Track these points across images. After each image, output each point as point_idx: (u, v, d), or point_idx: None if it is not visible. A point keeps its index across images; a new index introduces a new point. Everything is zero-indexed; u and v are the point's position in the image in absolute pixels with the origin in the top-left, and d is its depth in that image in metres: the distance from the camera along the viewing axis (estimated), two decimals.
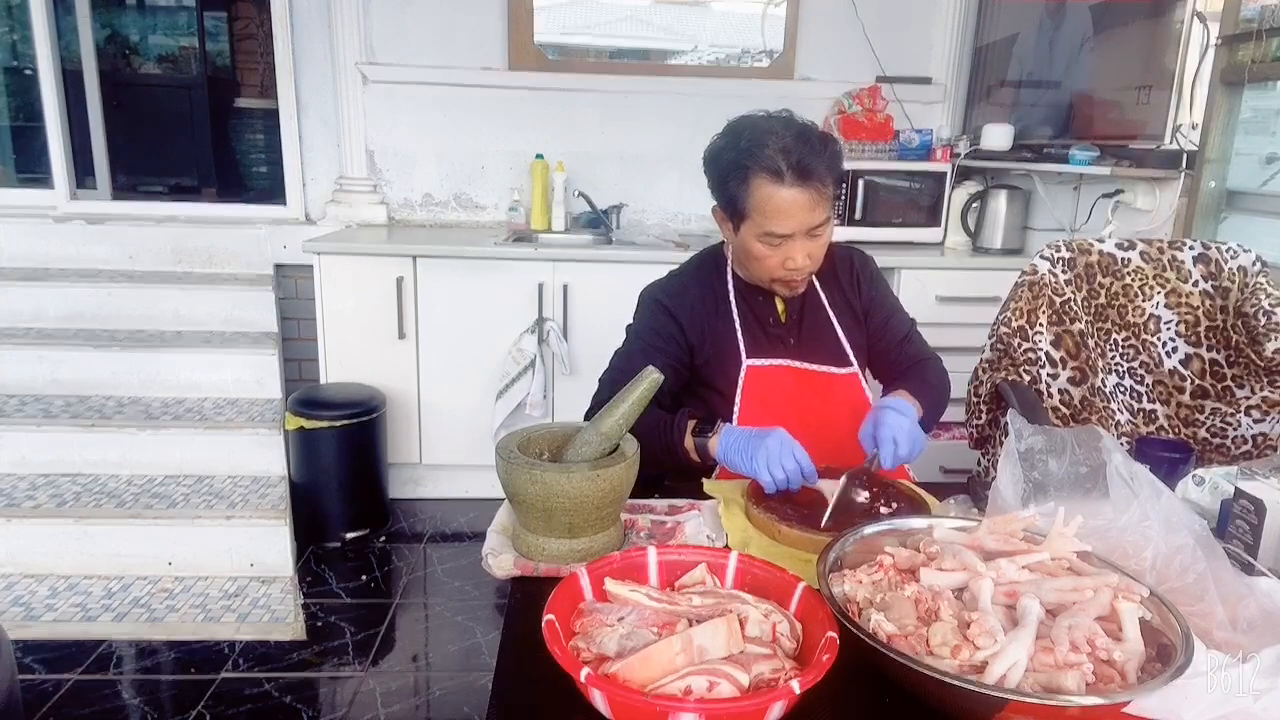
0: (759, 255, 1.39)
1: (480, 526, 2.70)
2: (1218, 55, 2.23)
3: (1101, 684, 0.74)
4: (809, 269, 1.40)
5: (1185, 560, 0.89)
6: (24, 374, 2.90)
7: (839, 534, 0.98)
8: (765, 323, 1.50)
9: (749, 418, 1.46)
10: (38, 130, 3.44)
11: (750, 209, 1.36)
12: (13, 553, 2.50)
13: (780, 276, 1.41)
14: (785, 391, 1.47)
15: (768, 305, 1.51)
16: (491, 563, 1.06)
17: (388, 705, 2.04)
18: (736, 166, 1.35)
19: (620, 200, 3.44)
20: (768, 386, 1.47)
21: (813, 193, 1.33)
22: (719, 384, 1.49)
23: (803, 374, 1.49)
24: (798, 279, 1.41)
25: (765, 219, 1.34)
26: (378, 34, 3.30)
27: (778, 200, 1.33)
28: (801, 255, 1.37)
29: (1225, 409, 1.69)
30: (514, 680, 0.84)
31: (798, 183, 1.32)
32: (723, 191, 1.41)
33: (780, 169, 1.31)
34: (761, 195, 1.34)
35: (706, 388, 1.51)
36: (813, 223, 1.35)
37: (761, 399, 1.46)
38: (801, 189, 1.32)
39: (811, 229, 1.36)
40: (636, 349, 1.49)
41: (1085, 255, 1.75)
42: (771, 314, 1.51)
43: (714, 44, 3.87)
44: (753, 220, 1.37)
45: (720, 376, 1.49)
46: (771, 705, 0.71)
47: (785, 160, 1.31)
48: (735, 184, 1.36)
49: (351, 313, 2.92)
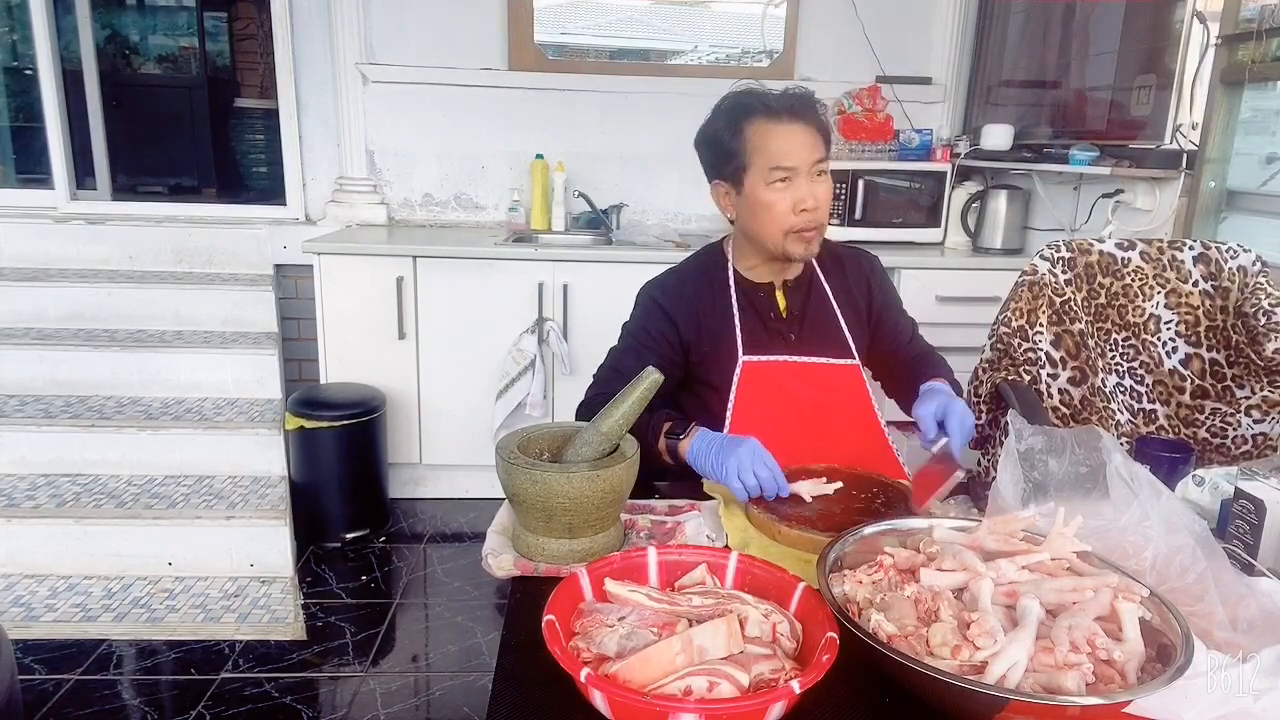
0: (769, 202, 1.38)
1: (480, 526, 2.70)
2: (1218, 55, 2.24)
3: (1101, 684, 0.74)
4: (819, 216, 1.39)
5: (1185, 560, 0.89)
6: (24, 374, 2.90)
7: (839, 534, 0.98)
8: (766, 318, 1.49)
9: (744, 414, 1.46)
10: (38, 130, 3.44)
11: (751, 153, 1.38)
12: (13, 553, 2.50)
13: (794, 226, 1.39)
14: (782, 388, 1.47)
15: (769, 300, 1.51)
16: (491, 563, 1.06)
17: (388, 705, 2.04)
18: (729, 125, 1.39)
19: (620, 200, 3.44)
20: (764, 383, 1.47)
21: (810, 128, 1.37)
22: (715, 380, 1.48)
23: (801, 368, 1.48)
24: (810, 226, 1.39)
25: (769, 156, 1.36)
26: (378, 34, 3.30)
27: (778, 133, 1.36)
28: (810, 196, 1.37)
29: (1225, 409, 1.69)
30: (514, 680, 0.84)
31: (793, 118, 1.36)
32: (718, 155, 1.42)
33: (773, 107, 1.37)
34: (760, 135, 1.37)
35: (702, 384, 1.51)
36: (815, 157, 1.37)
37: (757, 396, 1.46)
38: (798, 123, 1.36)
39: (814, 165, 1.37)
40: (629, 346, 1.51)
41: (1085, 255, 1.75)
42: (773, 309, 1.50)
43: (714, 44, 3.88)
44: (755, 165, 1.38)
45: (716, 373, 1.48)
46: (771, 705, 0.71)
47: (779, 101, 1.37)
48: (731, 139, 1.39)
49: (351, 313, 2.92)
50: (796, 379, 1.47)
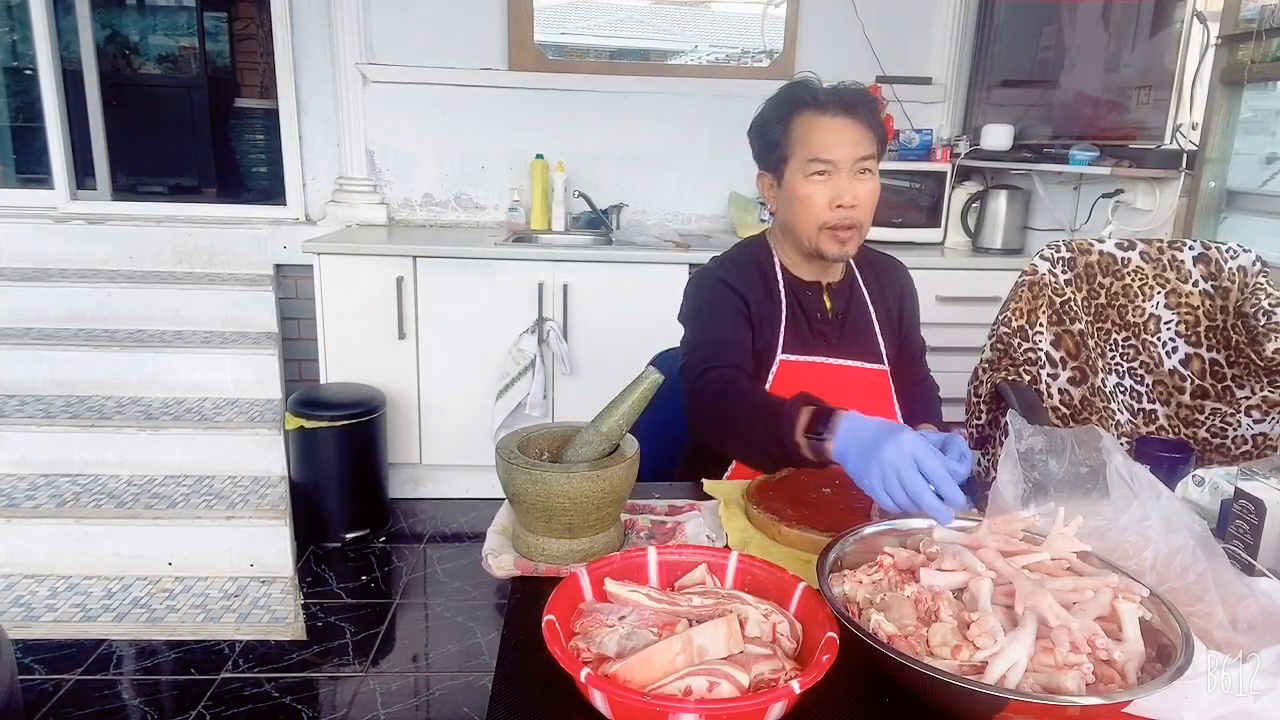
0: (805, 195, 1.36)
1: (480, 526, 2.70)
2: (1218, 55, 2.24)
3: (1101, 684, 0.74)
4: (858, 215, 1.36)
5: (1185, 560, 0.89)
6: (24, 374, 2.90)
7: (839, 534, 0.98)
8: (812, 318, 1.46)
9: None
10: (38, 130, 3.44)
11: (793, 143, 1.36)
12: (13, 553, 2.50)
13: (829, 221, 1.36)
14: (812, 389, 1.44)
15: (817, 300, 1.48)
16: (491, 563, 1.06)
17: (388, 705, 2.04)
18: (776, 115, 1.38)
19: (620, 200, 3.44)
20: (796, 383, 1.43)
21: (858, 123, 1.34)
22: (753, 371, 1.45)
23: (836, 371, 1.45)
24: (846, 224, 1.36)
25: (809, 147, 1.34)
26: (378, 34, 3.30)
27: (821, 125, 1.34)
28: (849, 193, 1.34)
29: (1225, 409, 1.69)
30: (514, 680, 0.84)
31: (841, 112, 1.34)
32: (764, 144, 1.40)
33: (821, 100, 1.34)
34: (804, 126, 1.35)
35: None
36: (859, 154, 1.34)
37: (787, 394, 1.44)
38: (845, 117, 1.34)
39: (858, 161, 1.34)
40: (713, 322, 1.39)
41: (1085, 255, 1.75)
42: (820, 308, 1.47)
43: (714, 44, 3.88)
44: (796, 155, 1.36)
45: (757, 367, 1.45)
46: (771, 705, 0.71)
47: (828, 95, 1.35)
48: (777, 129, 1.37)
49: (351, 313, 2.92)
50: (829, 382, 1.45)
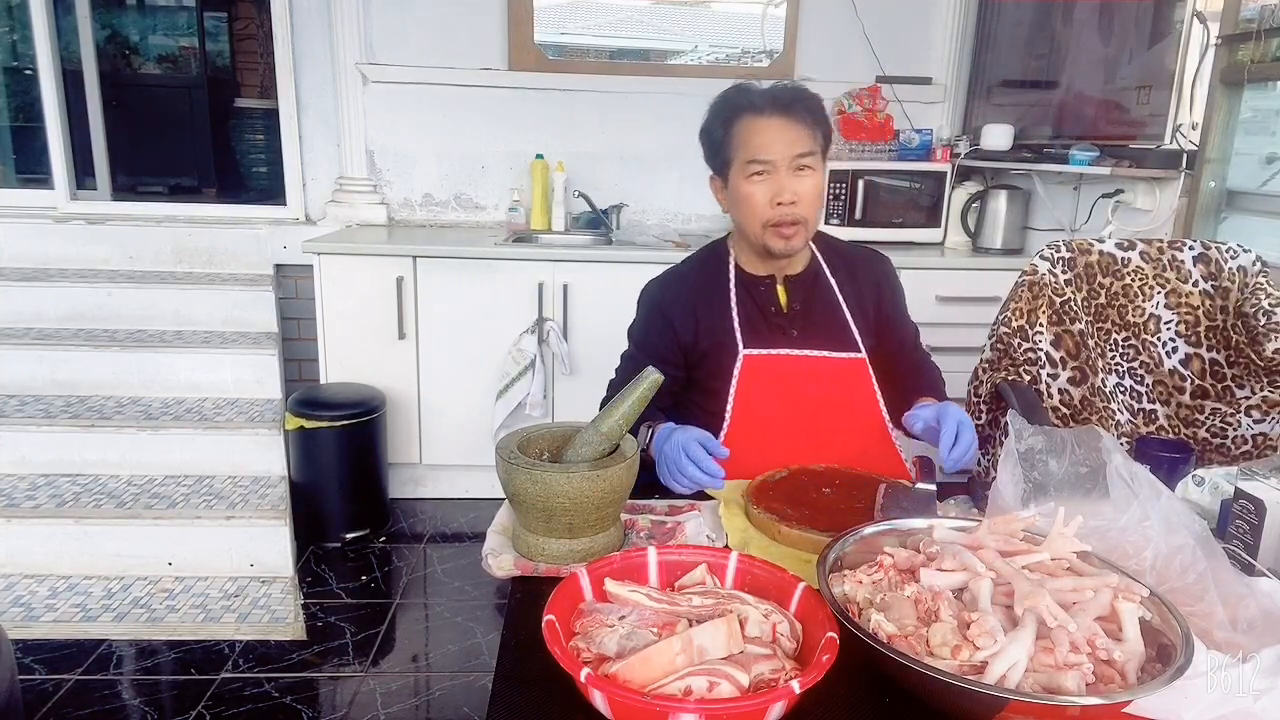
0: (746, 194, 1.40)
1: (480, 526, 2.70)
2: (1218, 55, 2.24)
3: (1101, 684, 0.74)
4: (799, 211, 1.39)
5: (1185, 560, 0.89)
6: (24, 374, 2.90)
7: (839, 534, 0.98)
8: (766, 312, 1.49)
9: (744, 408, 1.46)
10: (38, 130, 3.44)
11: (734, 147, 1.40)
12: (13, 553, 2.50)
13: (770, 219, 1.39)
14: (784, 382, 1.46)
15: (769, 294, 1.50)
16: (491, 563, 1.06)
17: (388, 705, 2.04)
18: (718, 116, 1.43)
19: (620, 200, 3.44)
20: (765, 378, 1.46)
21: (793, 122, 1.38)
22: (714, 381, 1.48)
23: (804, 362, 1.46)
24: (788, 220, 1.39)
25: (748, 150, 1.38)
26: (378, 34, 3.30)
27: (758, 127, 1.38)
28: (789, 190, 1.37)
29: (1225, 409, 1.69)
30: (514, 680, 0.84)
31: (776, 112, 1.38)
32: (710, 148, 1.46)
33: (759, 103, 1.39)
34: (744, 129, 1.40)
35: (703, 385, 1.50)
36: (796, 151, 1.37)
37: (758, 391, 1.45)
38: (780, 117, 1.38)
39: (796, 158, 1.37)
40: (630, 353, 1.54)
41: (1085, 255, 1.75)
42: (773, 303, 1.49)
43: (714, 44, 3.88)
44: (737, 159, 1.40)
45: (717, 368, 1.47)
46: (771, 705, 0.71)
47: (762, 97, 1.40)
48: (720, 133, 1.42)
49: (351, 313, 2.92)
50: (799, 374, 1.46)
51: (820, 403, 1.45)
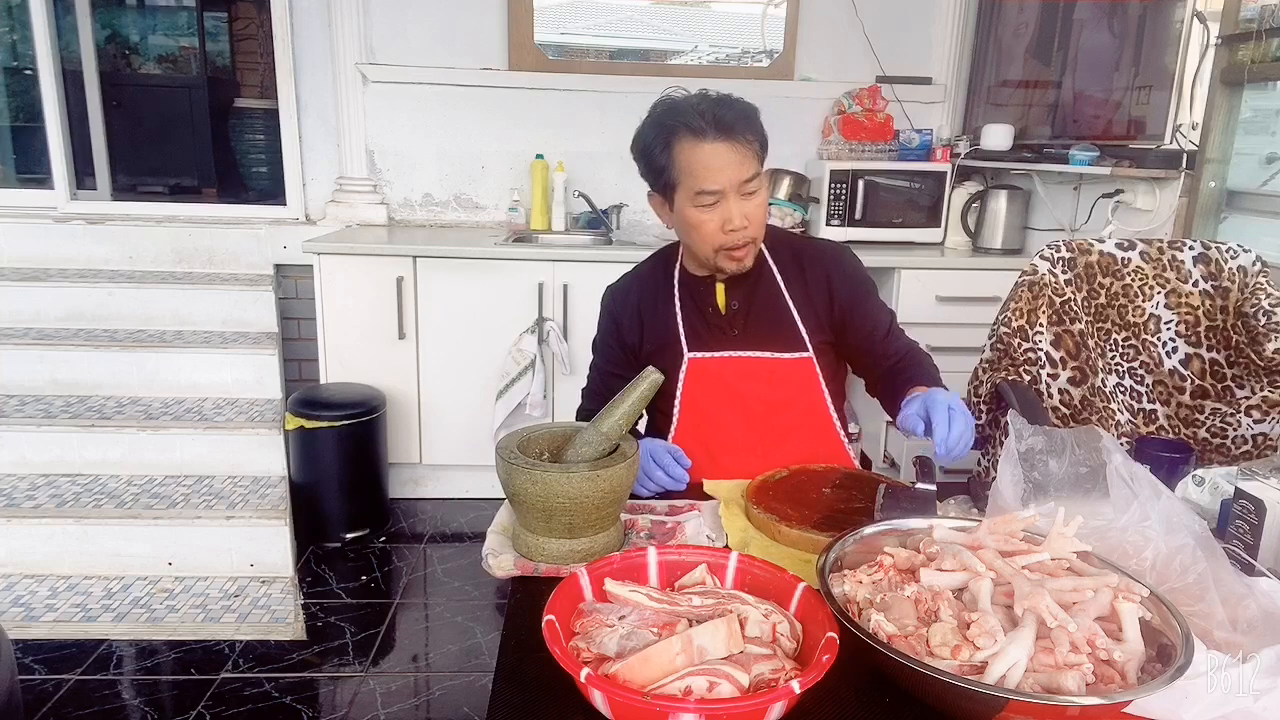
0: (696, 223, 1.36)
1: (480, 526, 2.70)
2: (1218, 55, 2.23)
3: (1101, 684, 0.74)
4: (750, 233, 1.36)
5: (1185, 560, 0.89)
6: (24, 374, 2.90)
7: (839, 534, 0.98)
8: (704, 312, 1.47)
9: (690, 412, 1.46)
10: (38, 130, 3.43)
11: (678, 173, 1.35)
12: (13, 553, 2.50)
13: (723, 244, 1.37)
14: (728, 385, 1.45)
15: (707, 294, 1.48)
16: (491, 563, 1.06)
17: (388, 705, 2.04)
18: (657, 137, 1.36)
19: (620, 200, 3.44)
20: (710, 381, 1.45)
21: (738, 145, 1.32)
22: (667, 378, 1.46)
23: (747, 364, 1.45)
24: (740, 244, 1.37)
25: (694, 179, 1.33)
26: (378, 34, 3.30)
27: (702, 155, 1.32)
28: (739, 215, 1.34)
29: (1225, 409, 1.69)
30: (514, 680, 0.84)
31: (720, 137, 1.32)
32: (650, 168, 1.40)
33: (699, 125, 1.32)
34: (686, 156, 1.33)
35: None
36: (742, 176, 1.33)
37: (704, 394, 1.45)
38: (724, 142, 1.32)
39: (743, 184, 1.34)
40: (594, 359, 1.57)
41: (1085, 255, 1.75)
42: (710, 304, 1.47)
43: (714, 44, 3.87)
44: (683, 185, 1.35)
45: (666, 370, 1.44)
46: (771, 705, 0.71)
47: (702, 118, 1.32)
48: (660, 153, 1.36)
49: (351, 313, 2.92)
50: (742, 376, 1.45)
51: (767, 404, 1.44)
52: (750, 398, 1.44)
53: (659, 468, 1.26)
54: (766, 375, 1.45)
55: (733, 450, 1.42)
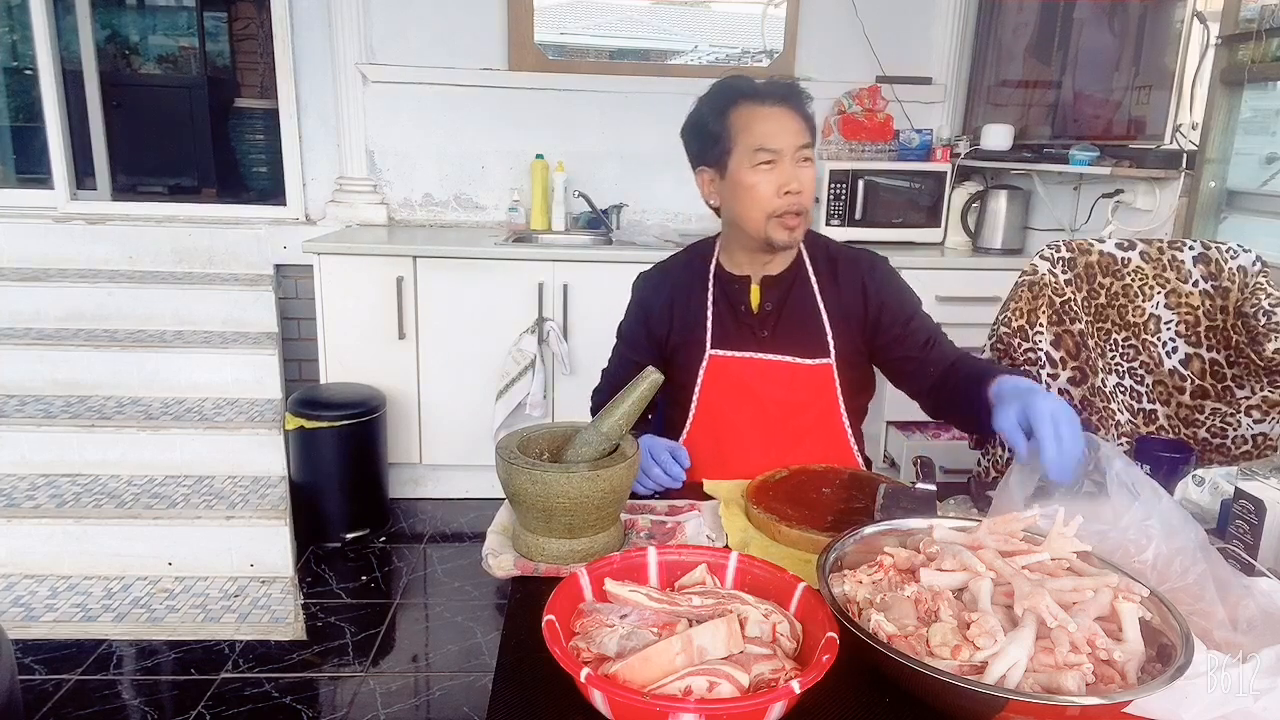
0: (752, 184, 1.36)
1: (480, 526, 2.70)
2: (1218, 55, 2.23)
3: (1101, 684, 0.74)
4: (804, 200, 1.37)
5: (1185, 561, 0.89)
6: (24, 374, 2.90)
7: (839, 534, 0.98)
8: (736, 310, 1.47)
9: (706, 410, 1.46)
10: (38, 130, 3.44)
11: (735, 135, 1.37)
12: (13, 553, 2.50)
13: (777, 209, 1.36)
14: (747, 385, 1.45)
15: (741, 293, 1.47)
16: (491, 563, 1.06)
17: (388, 705, 2.04)
18: (714, 109, 1.39)
19: (620, 200, 3.44)
20: (730, 380, 1.45)
21: (794, 112, 1.36)
22: (683, 375, 1.47)
23: (768, 367, 1.44)
24: (795, 211, 1.36)
25: (753, 137, 1.35)
26: (378, 34, 3.30)
27: (761, 115, 1.36)
28: (795, 180, 1.35)
29: (1225, 409, 1.69)
30: (514, 680, 0.84)
31: (778, 102, 1.36)
32: (703, 140, 1.41)
33: (759, 90, 1.37)
34: (744, 118, 1.36)
35: (674, 376, 1.48)
36: (799, 142, 1.36)
37: (722, 391, 1.45)
38: (783, 106, 1.36)
39: (799, 149, 1.36)
40: (618, 339, 1.56)
41: (1085, 255, 1.75)
42: (744, 303, 1.47)
43: (714, 44, 3.87)
44: (740, 146, 1.36)
45: (684, 367, 1.47)
46: (771, 705, 0.71)
47: (762, 86, 1.37)
48: (715, 123, 1.38)
49: (351, 313, 2.92)
50: (762, 378, 1.45)
51: (783, 407, 1.44)
52: (767, 400, 1.44)
53: (656, 464, 1.25)
54: (787, 379, 1.44)
55: (743, 451, 1.42)
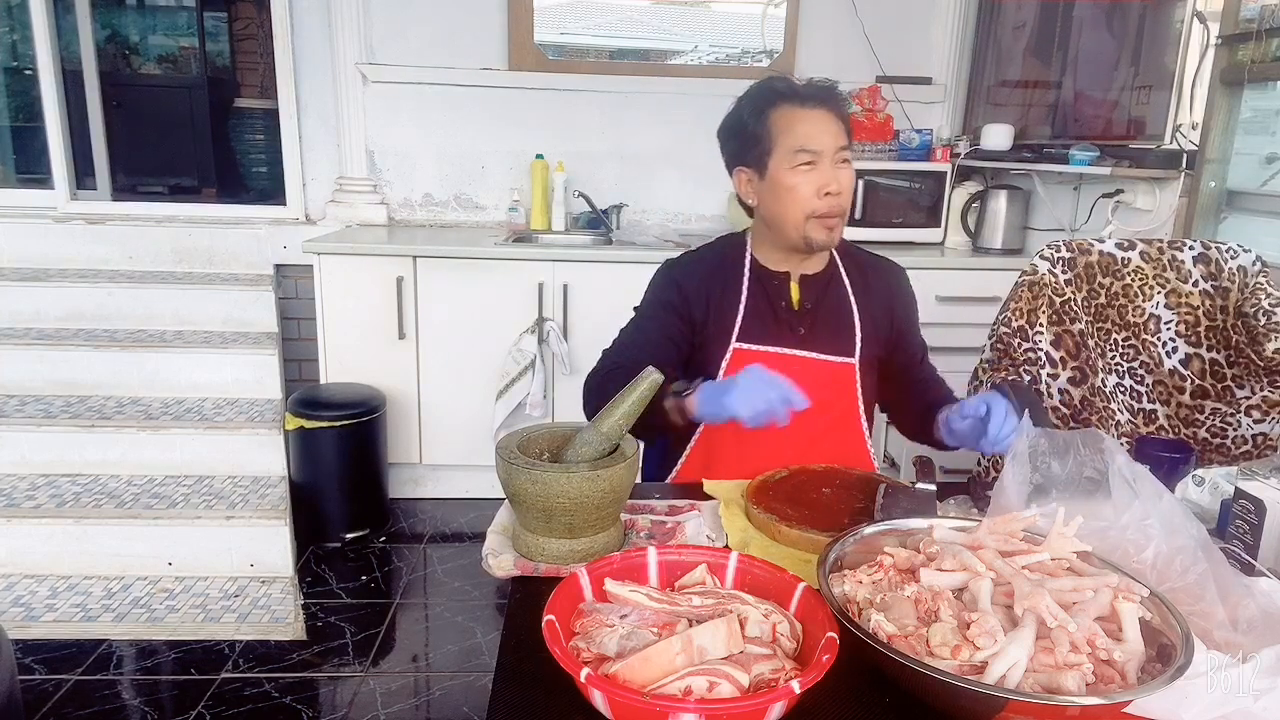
0: (792, 185, 1.38)
1: (480, 526, 2.70)
2: (1218, 55, 2.23)
3: (1101, 684, 0.74)
4: (843, 202, 1.39)
5: (1185, 560, 0.89)
6: (24, 374, 2.90)
7: (839, 534, 0.98)
8: (777, 307, 1.47)
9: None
10: (38, 130, 3.44)
11: (776, 136, 1.38)
12: (13, 553, 2.50)
13: (816, 210, 1.38)
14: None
15: (783, 289, 1.49)
16: (491, 563, 1.06)
17: (388, 705, 2.04)
18: (754, 110, 1.41)
19: (620, 200, 3.44)
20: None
21: (833, 114, 1.38)
22: (708, 364, 1.47)
23: (796, 362, 1.45)
24: (834, 211, 1.38)
25: (794, 138, 1.37)
26: (378, 34, 3.30)
27: (802, 116, 1.38)
28: (835, 181, 1.37)
29: (1225, 409, 1.68)
30: (514, 680, 0.84)
31: (818, 104, 1.38)
32: (742, 140, 1.43)
33: (800, 92, 1.39)
34: (785, 120, 1.38)
35: (700, 366, 1.48)
36: (839, 143, 1.38)
37: None
38: (823, 108, 1.38)
39: (838, 151, 1.38)
40: (636, 320, 1.51)
41: (1085, 255, 1.74)
42: (785, 298, 1.48)
43: (714, 44, 3.87)
44: (780, 147, 1.38)
45: (711, 356, 1.47)
46: (771, 705, 0.71)
47: (801, 88, 1.39)
48: (755, 124, 1.40)
49: (351, 313, 2.92)
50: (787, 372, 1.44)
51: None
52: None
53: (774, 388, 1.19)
54: (811, 376, 1.43)
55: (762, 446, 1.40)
